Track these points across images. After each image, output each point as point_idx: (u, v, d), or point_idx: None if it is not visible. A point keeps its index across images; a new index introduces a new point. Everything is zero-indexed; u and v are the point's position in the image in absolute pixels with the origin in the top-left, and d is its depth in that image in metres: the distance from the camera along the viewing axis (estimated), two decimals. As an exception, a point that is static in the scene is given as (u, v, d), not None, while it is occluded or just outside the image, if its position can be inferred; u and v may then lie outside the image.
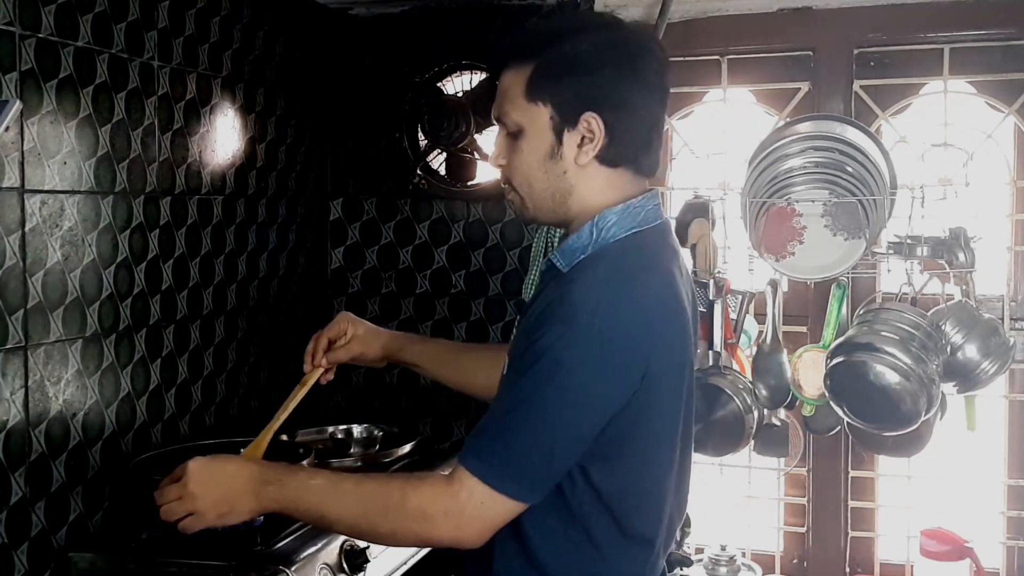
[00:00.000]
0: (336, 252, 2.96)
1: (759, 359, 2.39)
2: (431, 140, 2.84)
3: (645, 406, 1.40)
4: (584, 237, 1.46)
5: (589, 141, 1.44)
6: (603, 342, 1.34)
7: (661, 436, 1.46)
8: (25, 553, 1.85)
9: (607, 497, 1.42)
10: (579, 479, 1.41)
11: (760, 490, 2.69)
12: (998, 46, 2.48)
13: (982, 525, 2.53)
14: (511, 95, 1.47)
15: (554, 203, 1.48)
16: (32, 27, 1.83)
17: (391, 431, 2.50)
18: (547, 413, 1.35)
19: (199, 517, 1.49)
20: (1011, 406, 2.53)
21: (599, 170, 1.47)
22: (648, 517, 1.48)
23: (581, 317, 1.35)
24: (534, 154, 1.46)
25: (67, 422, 1.94)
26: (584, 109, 1.43)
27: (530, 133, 1.46)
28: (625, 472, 1.43)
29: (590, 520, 1.43)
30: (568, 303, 1.37)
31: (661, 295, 1.43)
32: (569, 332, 1.34)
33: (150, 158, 2.15)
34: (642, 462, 1.44)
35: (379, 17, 2.86)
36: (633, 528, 1.46)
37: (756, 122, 2.68)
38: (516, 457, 1.36)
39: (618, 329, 1.35)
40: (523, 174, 1.48)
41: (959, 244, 2.25)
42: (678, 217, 2.48)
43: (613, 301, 1.37)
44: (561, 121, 1.44)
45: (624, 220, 1.46)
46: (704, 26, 2.63)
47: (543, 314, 1.38)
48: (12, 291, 1.80)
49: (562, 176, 1.46)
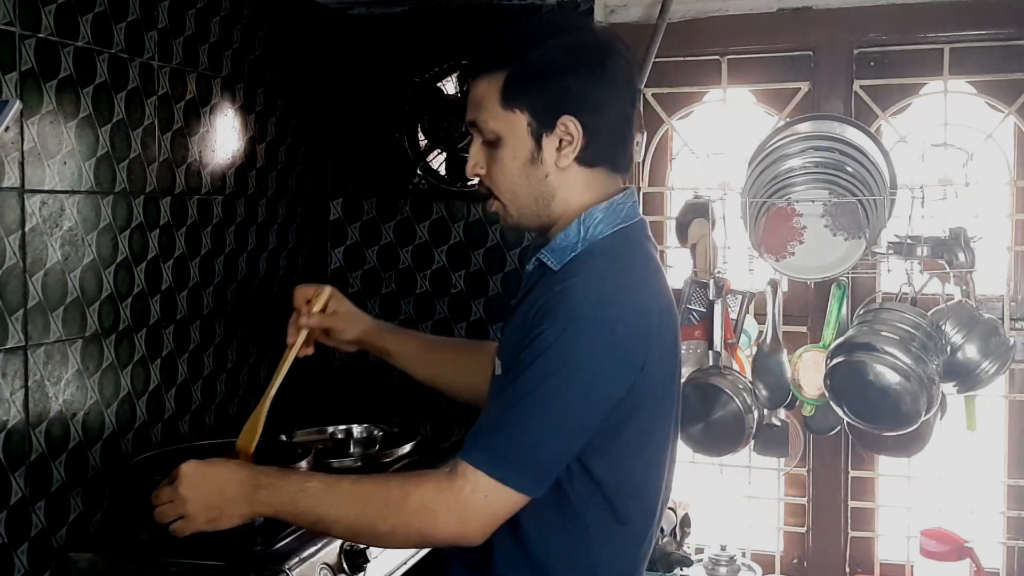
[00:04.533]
0: (336, 252, 2.96)
1: (759, 359, 2.39)
2: (431, 140, 2.84)
3: (642, 394, 1.43)
4: (572, 235, 1.48)
5: (568, 144, 1.46)
6: (607, 333, 1.37)
7: (656, 424, 1.49)
8: (25, 553, 1.85)
9: (604, 485, 1.44)
10: (576, 469, 1.43)
11: (760, 490, 2.69)
12: (998, 46, 2.48)
13: (982, 525, 2.53)
14: (486, 104, 1.48)
15: (538, 207, 1.50)
16: (32, 27, 1.83)
17: (391, 431, 2.50)
18: (553, 406, 1.37)
19: (189, 521, 1.49)
20: (1011, 406, 2.53)
21: (579, 171, 1.49)
22: (642, 504, 1.51)
23: (585, 310, 1.37)
24: (515, 161, 1.48)
25: (67, 422, 1.94)
26: (560, 112, 1.45)
27: (509, 140, 1.47)
28: (622, 460, 1.45)
29: (586, 509, 1.45)
30: (571, 297, 1.39)
31: (654, 287, 1.49)
32: (574, 325, 1.37)
33: (150, 158, 2.15)
34: (638, 449, 1.47)
35: (379, 17, 2.86)
36: (627, 515, 1.48)
37: (756, 122, 2.68)
38: (522, 450, 1.37)
39: (620, 320, 1.39)
40: (505, 182, 1.50)
41: (959, 244, 2.25)
42: (678, 217, 2.49)
43: (614, 293, 1.41)
44: (539, 126, 1.46)
45: (610, 217, 1.49)
46: (704, 26, 2.63)
47: (542, 310, 1.40)
48: (12, 291, 1.80)
49: (544, 180, 1.48)
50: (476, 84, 1.49)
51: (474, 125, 1.51)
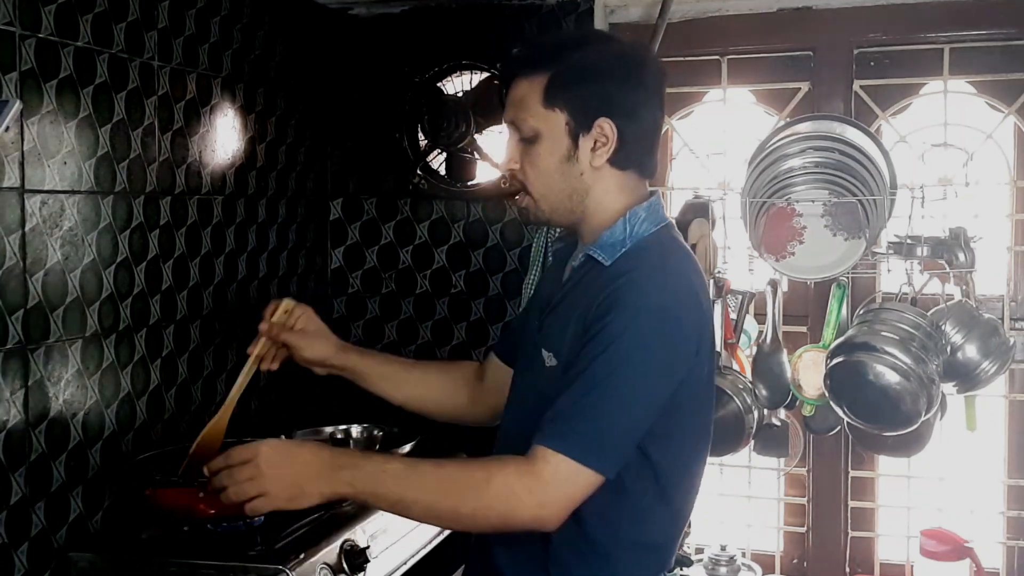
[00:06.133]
0: (336, 252, 2.96)
1: (759, 359, 2.39)
2: (431, 140, 2.84)
3: (695, 380, 1.52)
4: (619, 233, 1.55)
5: (603, 145, 1.54)
6: (672, 321, 1.47)
7: (703, 407, 1.58)
8: (25, 553, 1.85)
9: (657, 467, 1.51)
10: (635, 452, 1.49)
11: (760, 490, 2.69)
12: (998, 46, 2.48)
13: (982, 525, 2.53)
14: (527, 103, 1.55)
15: (572, 203, 1.58)
16: (32, 27, 1.83)
17: (391, 431, 2.49)
18: (625, 391, 1.44)
19: (270, 499, 1.49)
20: (1011, 406, 2.53)
21: (611, 172, 1.57)
22: (688, 484, 1.60)
23: (649, 300, 1.46)
24: (551, 157, 1.55)
25: (67, 422, 1.94)
26: (598, 115, 1.53)
27: (547, 138, 1.55)
28: (673, 443, 1.53)
29: (638, 488, 1.51)
30: (635, 289, 1.47)
31: (700, 280, 1.59)
32: (640, 316, 1.45)
33: (150, 158, 2.15)
34: (688, 433, 1.56)
35: (379, 17, 2.86)
36: (673, 499, 1.56)
37: (756, 122, 2.68)
38: (599, 433, 1.44)
39: (680, 309, 1.49)
40: (541, 178, 1.57)
41: (959, 244, 2.25)
42: (678, 217, 2.49)
43: (672, 284, 1.51)
44: (577, 126, 1.53)
45: (652, 217, 1.58)
46: (704, 26, 2.63)
47: (606, 301, 1.47)
48: (12, 291, 1.80)
49: (579, 178, 1.56)
50: (516, 84, 1.56)
51: (512, 123, 1.58)
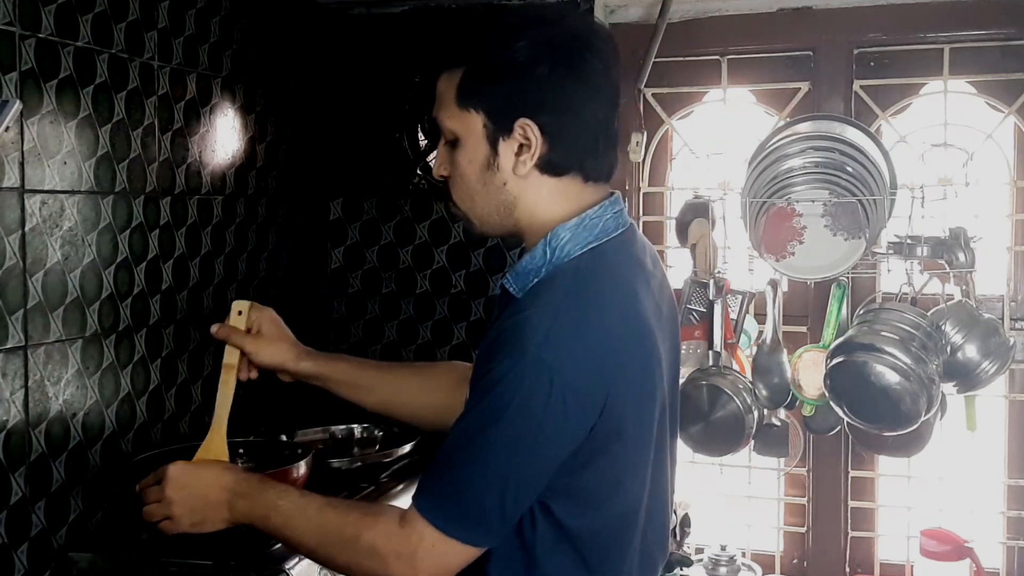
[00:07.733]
0: (336, 252, 2.96)
1: (759, 359, 2.39)
2: (431, 140, 2.84)
3: (607, 438, 1.30)
4: (537, 258, 1.36)
5: (526, 149, 1.34)
6: (554, 377, 1.24)
7: (628, 466, 1.36)
8: (25, 553, 1.85)
9: (572, 535, 1.34)
10: (540, 517, 1.33)
11: (760, 490, 2.69)
12: (998, 46, 2.48)
13: (982, 525, 2.53)
14: (445, 102, 1.38)
15: (500, 216, 1.40)
16: (32, 27, 1.83)
17: (391, 431, 2.49)
18: (496, 453, 1.27)
19: (175, 522, 1.49)
20: (1011, 406, 2.53)
21: (542, 180, 1.37)
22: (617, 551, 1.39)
23: (531, 350, 1.25)
24: (471, 165, 1.37)
25: (67, 422, 1.94)
26: (518, 115, 1.33)
27: (465, 142, 1.37)
28: (589, 507, 1.34)
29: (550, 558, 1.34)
30: (519, 334, 1.27)
31: (621, 320, 1.33)
32: (519, 366, 1.25)
33: (150, 158, 2.15)
34: (608, 495, 1.35)
35: (379, 17, 2.86)
36: (601, 564, 1.37)
37: (756, 122, 2.68)
38: (466, 500, 1.28)
39: (570, 363, 1.25)
40: (463, 187, 1.40)
41: (959, 244, 2.25)
42: (678, 217, 2.49)
43: (565, 333, 1.27)
44: (495, 129, 1.35)
45: (579, 235, 1.36)
46: (704, 26, 2.63)
47: (494, 344, 1.29)
48: (12, 291, 1.80)
49: (502, 188, 1.37)
50: (439, 80, 1.39)
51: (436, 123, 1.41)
